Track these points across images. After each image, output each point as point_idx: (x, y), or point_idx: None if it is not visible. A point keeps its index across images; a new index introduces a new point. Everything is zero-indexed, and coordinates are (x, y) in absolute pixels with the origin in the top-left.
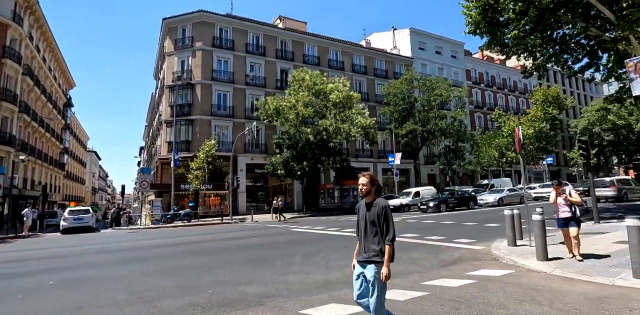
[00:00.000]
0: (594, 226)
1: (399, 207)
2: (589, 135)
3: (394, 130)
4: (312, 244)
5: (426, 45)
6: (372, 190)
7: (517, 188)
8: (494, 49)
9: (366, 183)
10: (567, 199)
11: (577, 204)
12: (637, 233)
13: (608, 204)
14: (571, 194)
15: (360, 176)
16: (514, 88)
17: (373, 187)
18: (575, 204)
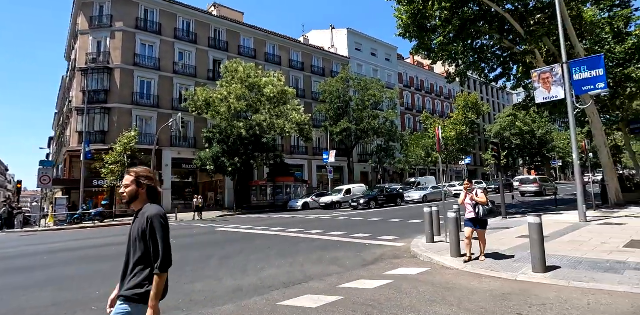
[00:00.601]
0: (502, 221)
1: (331, 204)
2: (501, 139)
3: (329, 127)
4: (234, 245)
5: (362, 47)
6: (141, 194)
7: (440, 186)
8: (422, 54)
9: (130, 183)
10: (472, 199)
11: (482, 204)
12: (537, 230)
13: (514, 200)
14: (477, 194)
15: (126, 174)
16: (440, 93)
17: (141, 189)
18: (480, 204)
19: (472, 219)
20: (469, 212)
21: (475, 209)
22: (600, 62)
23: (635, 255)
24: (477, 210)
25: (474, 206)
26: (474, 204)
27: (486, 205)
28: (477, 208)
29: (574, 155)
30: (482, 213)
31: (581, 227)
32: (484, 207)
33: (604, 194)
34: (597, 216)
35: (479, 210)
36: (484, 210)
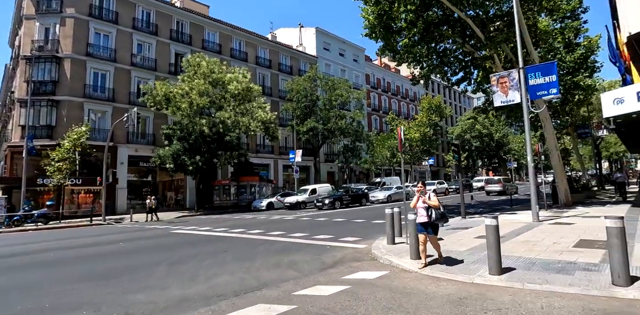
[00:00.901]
0: (461, 221)
1: (296, 204)
2: (462, 141)
3: (295, 127)
4: (189, 248)
5: (331, 47)
6: None
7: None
8: (388, 55)
9: None
10: (425, 202)
11: (434, 208)
12: (493, 232)
13: (472, 201)
14: (430, 198)
15: None
16: (406, 95)
17: None
18: (432, 208)
19: (424, 223)
20: (420, 216)
21: (428, 213)
22: (553, 69)
23: (584, 255)
24: (430, 214)
25: (427, 209)
26: (426, 207)
27: (438, 209)
28: (430, 212)
29: (528, 158)
30: (435, 217)
31: (534, 226)
32: (436, 210)
33: (555, 194)
34: (548, 216)
35: (431, 213)
36: (436, 214)
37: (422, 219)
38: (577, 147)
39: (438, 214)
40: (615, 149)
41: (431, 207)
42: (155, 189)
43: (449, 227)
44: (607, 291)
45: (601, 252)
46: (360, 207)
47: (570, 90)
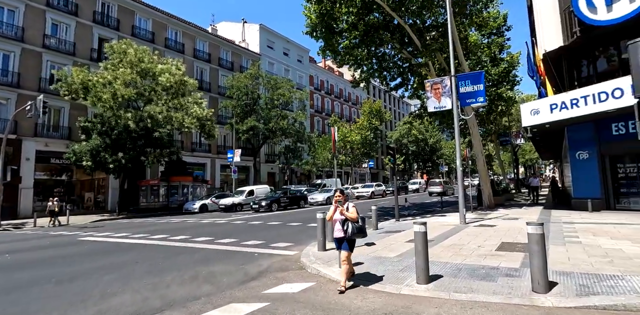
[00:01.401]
0: (395, 224)
1: (231, 206)
2: (399, 145)
3: (235, 125)
4: (93, 260)
5: (275, 45)
6: None
7: (343, 188)
8: (329, 55)
9: None
10: (342, 214)
11: (351, 221)
12: (421, 239)
13: (406, 203)
14: (348, 209)
15: None
16: (349, 98)
17: None
18: (349, 221)
19: (340, 238)
20: (337, 230)
21: (344, 227)
22: (481, 78)
23: (506, 260)
24: (346, 228)
25: (343, 223)
26: (344, 220)
27: (356, 222)
28: (346, 225)
29: (457, 162)
30: (351, 231)
31: (461, 229)
32: (354, 224)
33: (480, 197)
34: (474, 218)
35: (348, 227)
36: (353, 228)
37: (338, 233)
38: (499, 153)
39: (355, 228)
40: (530, 156)
41: (349, 219)
42: (71, 189)
43: (382, 231)
44: (528, 299)
45: (521, 255)
46: (298, 209)
47: (495, 101)
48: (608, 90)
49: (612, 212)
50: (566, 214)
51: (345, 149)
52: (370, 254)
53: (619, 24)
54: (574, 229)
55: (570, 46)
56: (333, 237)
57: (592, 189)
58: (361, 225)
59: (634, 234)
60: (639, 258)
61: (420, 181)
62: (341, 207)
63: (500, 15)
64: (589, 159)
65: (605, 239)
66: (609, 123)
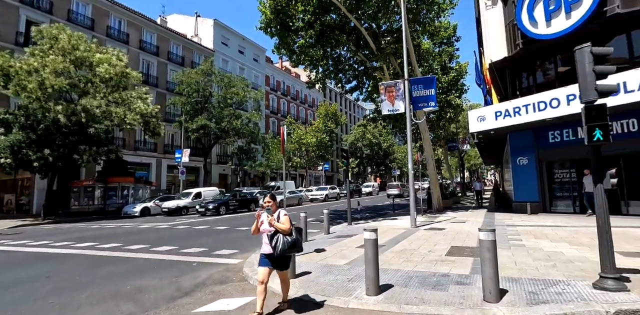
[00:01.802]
0: (347, 228)
1: (176, 209)
2: (354, 148)
3: (184, 123)
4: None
5: (230, 42)
6: None
7: (297, 190)
8: (283, 54)
9: None
10: (271, 224)
11: (282, 233)
12: (372, 247)
13: (359, 207)
14: (279, 218)
15: None
16: (305, 100)
17: None
18: (280, 233)
19: (269, 255)
20: (265, 244)
21: (273, 241)
22: (433, 83)
23: (457, 265)
24: (275, 243)
25: (272, 236)
26: (273, 232)
27: (289, 234)
28: (276, 239)
29: (409, 166)
30: (282, 247)
31: (412, 233)
32: (285, 237)
33: (429, 200)
34: (424, 221)
35: (278, 242)
36: (284, 242)
37: (266, 248)
38: (447, 158)
39: (287, 242)
40: (474, 162)
41: (279, 231)
42: None
43: (333, 235)
44: (480, 310)
45: (470, 260)
46: (249, 212)
47: (444, 108)
48: (546, 100)
49: (548, 215)
50: (508, 217)
51: (300, 151)
52: (319, 261)
53: (557, 39)
54: (517, 231)
55: (513, 57)
56: (261, 253)
57: (531, 192)
58: (295, 238)
59: (570, 236)
60: (579, 261)
61: (374, 184)
62: (270, 216)
63: (451, 26)
64: (528, 165)
65: (546, 242)
66: (547, 131)
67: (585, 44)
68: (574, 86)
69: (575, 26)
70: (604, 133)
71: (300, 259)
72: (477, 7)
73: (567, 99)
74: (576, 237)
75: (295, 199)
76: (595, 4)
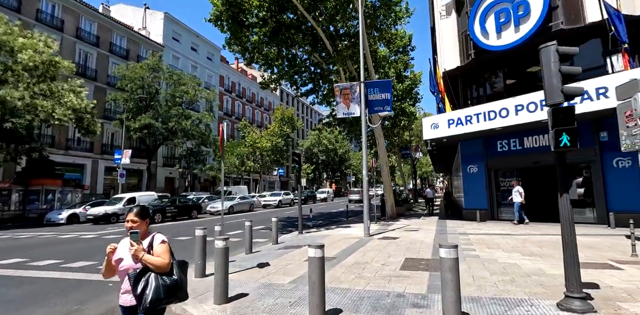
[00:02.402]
0: (298, 237)
1: (104, 216)
2: (310, 154)
3: (125, 121)
4: None
5: (182, 38)
6: None
7: (249, 196)
8: (237, 51)
9: None
10: (137, 257)
11: (156, 270)
12: (317, 267)
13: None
14: (152, 248)
15: None
16: (261, 104)
17: None
18: (153, 271)
19: (130, 309)
20: (124, 292)
21: (139, 286)
22: (389, 87)
23: (412, 282)
24: (143, 289)
25: (137, 277)
26: (139, 271)
27: (166, 273)
28: (144, 282)
29: (364, 171)
30: (153, 295)
31: (366, 242)
32: (161, 278)
33: (383, 207)
34: (378, 229)
35: (148, 287)
36: (158, 286)
37: (127, 298)
38: (401, 165)
39: (164, 286)
40: (426, 169)
41: (150, 269)
42: None
43: (282, 246)
44: None
45: (426, 276)
46: (190, 220)
47: (399, 115)
48: (496, 110)
49: (496, 223)
50: (459, 225)
51: (254, 155)
52: (260, 279)
53: (506, 50)
54: (469, 240)
55: (466, 67)
56: (119, 304)
57: (480, 200)
58: (177, 279)
59: (520, 246)
60: (536, 274)
61: (329, 190)
62: (137, 245)
63: (407, 35)
64: (478, 173)
65: (499, 252)
66: (495, 140)
67: (550, 42)
68: (522, 97)
69: (523, 39)
70: (572, 138)
71: (239, 276)
72: (432, 17)
73: (515, 109)
74: (526, 246)
75: (246, 205)
76: (542, 19)
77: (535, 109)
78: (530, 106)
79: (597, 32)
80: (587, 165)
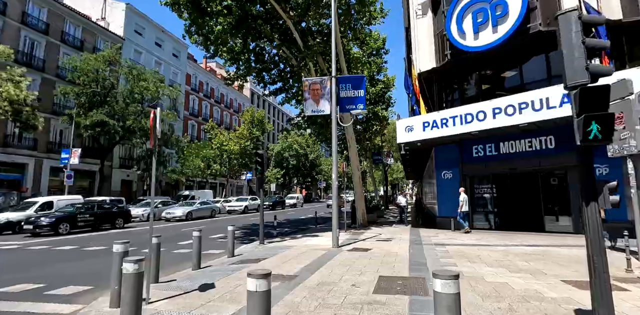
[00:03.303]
0: (256, 250)
1: (6, 225)
2: (280, 158)
3: (76, 117)
4: None
5: (145, 32)
6: None
7: (211, 201)
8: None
9: None
10: None
11: None
12: (260, 307)
13: (276, 221)
14: None
15: None
16: (230, 105)
17: None
18: None
19: None
20: None
21: None
22: (363, 83)
23: (390, 312)
24: None
25: None
26: None
27: None
28: None
29: (334, 176)
30: None
31: (334, 255)
32: None
33: (354, 214)
34: (348, 239)
35: None
36: None
37: None
38: (372, 170)
39: None
40: (397, 175)
41: None
42: None
43: (237, 260)
44: None
45: (405, 301)
46: (115, 230)
47: (371, 119)
48: (473, 113)
49: (471, 231)
50: (433, 234)
51: (221, 158)
52: (195, 310)
53: (483, 52)
54: (448, 252)
55: (441, 68)
56: None
57: (455, 208)
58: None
59: (504, 259)
60: (535, 299)
61: (298, 196)
62: None
63: (380, 37)
64: (453, 179)
65: (484, 268)
66: (471, 145)
67: (571, 7)
68: (500, 100)
69: (501, 40)
70: (605, 128)
71: (169, 305)
72: (407, 16)
73: (493, 112)
74: (510, 260)
75: (207, 211)
76: (520, 20)
77: (514, 113)
78: (508, 109)
79: None
80: (564, 172)
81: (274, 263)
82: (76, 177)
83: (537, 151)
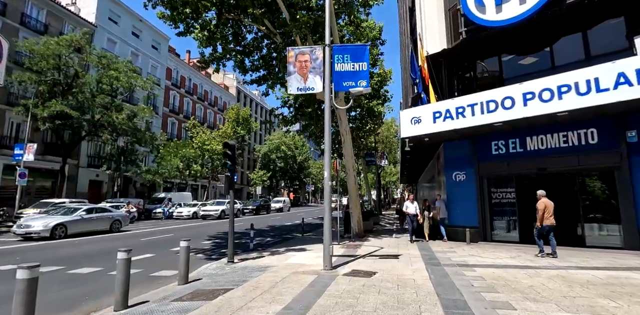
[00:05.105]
0: (225, 270)
1: None
2: (267, 160)
3: (32, 108)
4: None
5: (121, 20)
6: None
7: (192, 204)
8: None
9: None
10: None
11: None
12: None
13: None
14: None
15: None
16: (215, 103)
17: None
18: None
19: None
20: None
21: None
22: (365, 55)
23: None
24: None
25: None
26: None
27: None
28: None
29: (326, 174)
30: None
31: (325, 286)
32: None
33: (347, 221)
34: (342, 254)
35: None
36: None
37: None
38: (366, 172)
39: None
40: (390, 179)
41: None
42: None
43: (186, 293)
44: None
45: None
46: None
47: (365, 117)
48: (498, 99)
49: (492, 245)
50: (447, 247)
51: (203, 158)
52: None
53: (506, 28)
54: (484, 280)
55: (452, 50)
56: None
57: (470, 216)
58: None
59: (571, 293)
60: None
61: (285, 199)
62: None
63: (377, 26)
64: (467, 181)
65: (558, 313)
66: (489, 141)
67: None
68: (533, 82)
69: (531, 12)
70: None
71: None
72: None
73: (523, 98)
74: (583, 295)
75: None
76: None
77: (551, 98)
78: (544, 94)
79: (620, 8)
80: (610, 172)
81: (238, 301)
82: (39, 176)
83: (574, 147)
